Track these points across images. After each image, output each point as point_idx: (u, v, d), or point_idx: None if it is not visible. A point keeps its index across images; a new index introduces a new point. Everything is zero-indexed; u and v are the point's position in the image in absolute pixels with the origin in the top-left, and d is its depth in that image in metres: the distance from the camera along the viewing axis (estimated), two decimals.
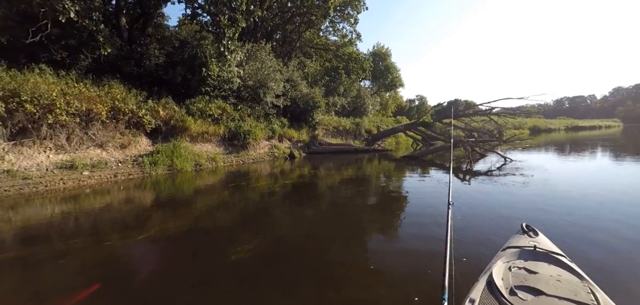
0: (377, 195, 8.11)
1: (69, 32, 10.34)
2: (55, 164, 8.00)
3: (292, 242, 4.52)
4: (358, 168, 13.06)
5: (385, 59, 35.29)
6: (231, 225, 5.38)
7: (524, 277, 2.19)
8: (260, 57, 15.52)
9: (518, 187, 8.38)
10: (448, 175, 11.11)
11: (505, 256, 2.55)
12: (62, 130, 8.37)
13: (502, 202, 6.92)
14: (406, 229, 5.19)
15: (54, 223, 5.22)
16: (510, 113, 18.60)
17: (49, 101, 7.82)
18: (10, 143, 7.53)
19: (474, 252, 4.19)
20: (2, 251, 4.14)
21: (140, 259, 3.97)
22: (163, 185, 8.34)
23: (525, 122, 48.78)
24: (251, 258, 3.83)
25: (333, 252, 4.21)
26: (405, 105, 57.34)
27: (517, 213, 5.95)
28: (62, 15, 7.92)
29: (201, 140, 12.14)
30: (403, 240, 4.66)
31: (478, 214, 6.06)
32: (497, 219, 5.71)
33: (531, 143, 24.83)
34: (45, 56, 10.16)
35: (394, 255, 4.06)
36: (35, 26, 8.09)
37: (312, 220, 5.76)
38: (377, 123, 27.10)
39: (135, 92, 10.63)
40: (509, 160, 13.94)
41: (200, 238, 4.69)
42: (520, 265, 2.36)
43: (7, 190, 6.61)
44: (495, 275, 2.19)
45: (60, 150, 8.36)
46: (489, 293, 2.03)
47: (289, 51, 24.38)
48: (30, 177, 7.21)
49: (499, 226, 5.22)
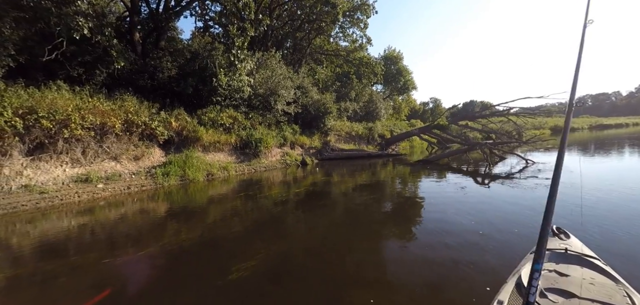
0: (392, 203, 7.86)
1: (85, 49, 10.61)
2: (71, 178, 8.15)
3: (301, 257, 4.30)
4: (371, 174, 12.79)
5: (397, 62, 34.96)
6: (237, 238, 5.20)
7: (555, 279, 2.12)
8: (271, 65, 15.58)
9: (542, 190, 7.97)
10: (467, 179, 10.71)
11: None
12: (77, 144, 8.55)
13: (526, 205, 6.58)
14: (426, 238, 4.86)
15: (68, 236, 5.24)
16: (530, 113, 17.88)
17: (64, 116, 8.01)
18: (28, 158, 7.72)
19: (499, 255, 4.01)
20: (21, 265, 4.19)
21: (134, 278, 3.77)
22: (174, 196, 8.35)
23: (545, 122, 47.03)
24: (254, 276, 3.62)
25: (346, 267, 3.94)
26: (419, 108, 56.59)
27: (541, 216, 5.61)
28: (76, 32, 8.14)
29: (213, 149, 12.19)
30: (425, 250, 4.36)
31: (501, 217, 5.78)
32: (521, 222, 5.43)
33: (553, 143, 23.78)
34: (63, 73, 10.45)
35: (416, 267, 3.82)
36: (51, 44, 8.31)
37: (323, 232, 5.53)
38: (390, 127, 26.74)
39: (148, 104, 10.80)
40: (530, 162, 13.32)
41: (203, 253, 4.53)
42: (551, 268, 2.29)
43: (25, 204, 6.73)
44: (525, 277, 2.12)
45: (76, 163, 8.53)
46: (517, 295, 1.99)
47: (299, 58, 24.46)
48: (47, 191, 7.35)
49: (524, 229, 4.99)
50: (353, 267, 3.90)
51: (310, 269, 3.90)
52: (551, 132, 42.39)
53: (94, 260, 4.21)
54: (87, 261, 4.22)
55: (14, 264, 4.27)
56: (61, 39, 8.39)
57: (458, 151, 16.87)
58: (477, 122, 20.46)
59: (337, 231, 5.49)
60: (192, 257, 4.33)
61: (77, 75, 10.76)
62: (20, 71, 9.32)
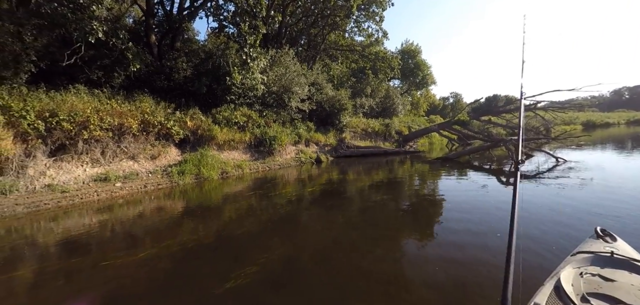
0: (409, 203, 7.60)
1: (103, 53, 10.96)
2: (90, 177, 8.41)
3: (307, 263, 4.08)
4: (388, 171, 12.49)
5: (415, 56, 34.12)
6: (243, 239, 5.07)
7: (599, 284, 1.97)
8: (284, 63, 15.53)
9: (574, 190, 7.47)
10: (489, 177, 10.23)
11: (576, 262, 2.32)
12: (97, 144, 8.81)
13: (558, 207, 6.17)
14: (446, 247, 4.55)
15: (85, 234, 5.37)
16: (559, 107, 16.77)
17: (83, 118, 8.28)
18: (51, 159, 8.03)
19: (531, 260, 3.79)
20: (45, 261, 4.36)
21: (129, 281, 3.72)
22: (188, 194, 8.45)
23: (577, 117, 44.44)
24: (252, 284, 3.45)
25: (354, 276, 3.67)
26: (439, 104, 55.22)
27: (577, 219, 5.31)
28: (91, 36, 8.37)
29: (228, 148, 12.29)
30: (447, 264, 3.97)
31: (532, 219, 5.44)
32: (554, 225, 5.11)
33: (586, 140, 22.38)
34: (84, 76, 10.83)
35: (434, 283, 3.60)
36: (70, 49, 8.59)
37: (333, 234, 5.30)
38: (408, 123, 26.13)
39: (164, 104, 11.02)
40: (561, 160, 12.50)
41: (206, 255, 4.42)
42: (594, 272, 2.13)
43: (47, 203, 6.99)
44: (564, 280, 2.00)
45: (95, 163, 8.80)
46: (556, 298, 1.87)
47: (313, 55, 24.31)
48: (68, 190, 7.61)
49: (557, 233, 4.72)
50: (362, 277, 3.62)
51: (316, 276, 3.68)
52: (583, 128, 40.16)
53: (91, 263, 4.21)
54: (81, 264, 4.26)
55: (39, 259, 4.44)
56: (79, 43, 8.64)
57: (480, 148, 16.18)
58: (501, 117, 19.58)
59: (348, 234, 5.26)
60: (193, 260, 4.24)
61: (97, 78, 11.12)
62: (44, 76, 9.73)
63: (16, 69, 8.37)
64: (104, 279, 3.73)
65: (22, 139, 7.42)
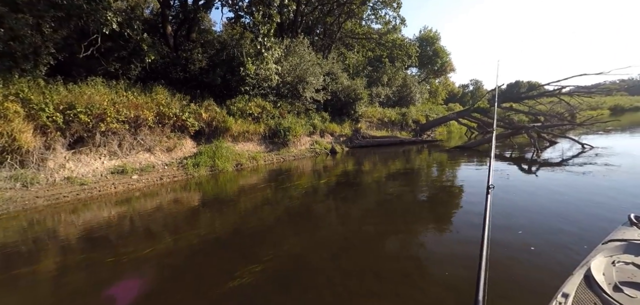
0: (427, 195, 7.27)
1: (120, 45, 11.02)
2: (108, 170, 8.52)
3: (316, 261, 3.85)
4: (405, 161, 12.14)
5: (434, 43, 32.95)
6: (252, 234, 4.92)
7: (632, 272, 1.90)
8: (299, 52, 15.23)
9: (602, 177, 7.10)
10: (511, 166, 9.73)
11: (608, 250, 2.23)
12: (114, 137, 8.90)
13: (585, 196, 5.82)
14: (466, 246, 4.27)
15: (101, 227, 5.39)
16: (585, 92, 15.84)
17: (100, 111, 8.34)
18: (70, 152, 8.16)
19: (556, 250, 3.62)
20: (69, 253, 4.46)
21: (133, 278, 3.63)
22: (202, 187, 8.44)
23: (603, 102, 42.08)
24: (256, 284, 3.27)
25: (365, 277, 3.43)
26: (458, 92, 53.65)
27: (606, 207, 5.07)
28: (105, 27, 8.37)
29: (242, 139, 12.24)
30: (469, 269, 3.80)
31: (558, 208, 5.19)
32: (581, 213, 4.90)
33: (614, 125, 21.15)
34: (102, 69, 10.94)
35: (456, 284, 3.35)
36: (87, 41, 8.63)
37: (345, 230, 5.07)
38: (425, 112, 25.42)
39: (179, 96, 11.01)
40: (587, 147, 11.82)
41: (213, 251, 4.29)
42: (628, 260, 2.05)
43: (66, 196, 7.11)
44: (595, 269, 1.94)
45: (113, 156, 8.90)
46: (586, 287, 1.82)
47: (329, 44, 23.83)
48: (86, 182, 7.72)
49: (586, 221, 4.57)
50: (374, 277, 3.36)
51: (324, 276, 3.45)
52: (610, 113, 38.05)
53: (98, 259, 4.16)
54: (88, 260, 4.24)
55: (60, 252, 4.50)
56: (95, 35, 8.66)
57: (500, 135, 15.52)
58: (523, 104, 18.70)
59: (360, 229, 5.02)
60: (199, 257, 4.13)
61: (114, 70, 11.22)
62: (62, 68, 9.87)
63: (36, 61, 8.49)
64: (106, 275, 3.68)
65: (41, 132, 7.55)
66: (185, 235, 4.87)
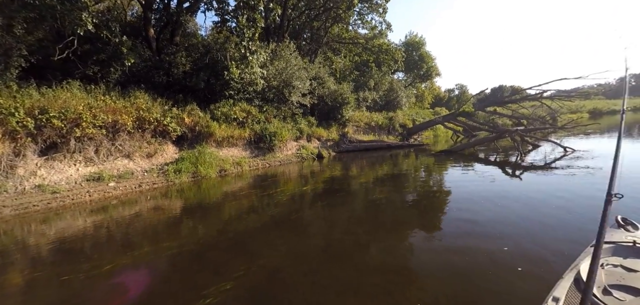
0: (413, 202, 7.23)
1: (99, 47, 10.67)
2: (83, 177, 8.16)
3: (295, 276, 3.64)
4: (392, 166, 12.12)
5: (419, 48, 33.41)
6: (230, 245, 4.68)
7: (621, 275, 1.94)
8: (285, 56, 15.11)
9: (587, 179, 7.31)
10: (496, 170, 9.82)
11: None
12: (90, 143, 8.55)
13: (571, 199, 5.93)
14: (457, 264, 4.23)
15: (65, 238, 5.10)
16: (565, 96, 16.37)
17: (75, 115, 8.00)
18: (42, 158, 7.78)
19: (548, 252, 3.69)
20: (30, 268, 4.15)
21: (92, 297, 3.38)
22: (184, 194, 8.18)
23: (583, 105, 43.77)
24: (230, 300, 3.11)
25: (348, 292, 3.28)
26: (444, 96, 54.41)
27: (593, 210, 5.16)
28: (80, 28, 8.04)
29: (227, 144, 11.99)
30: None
31: (543, 212, 5.26)
32: (568, 215, 5.02)
33: (595, 128, 21.84)
34: (79, 72, 10.55)
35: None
36: (62, 43, 8.29)
37: (326, 241, 4.80)
38: (412, 116, 25.64)
39: (161, 100, 10.71)
40: (569, 150, 12.10)
41: (182, 266, 4.03)
42: (616, 263, 2.08)
43: (36, 205, 6.76)
44: (584, 272, 1.93)
45: (89, 162, 8.55)
46: (576, 291, 1.84)
47: (316, 48, 23.80)
48: (59, 190, 7.37)
49: (573, 223, 4.71)
50: (352, 295, 3.16)
51: (301, 293, 3.24)
52: (589, 116, 39.45)
53: (53, 275, 3.89)
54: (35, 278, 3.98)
55: (23, 265, 4.22)
56: (71, 37, 8.33)
57: (485, 139, 15.78)
58: (507, 108, 19.14)
59: (342, 240, 4.78)
60: (168, 272, 3.90)
61: (93, 74, 10.84)
62: (38, 72, 9.47)
63: (7, 63, 8.11)
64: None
65: (10, 138, 7.16)
66: (155, 248, 4.63)
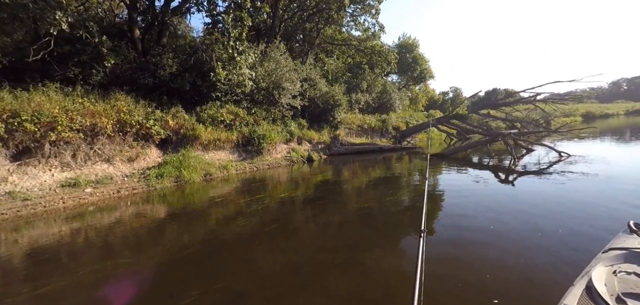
0: (397, 210, 7.00)
1: (80, 48, 10.33)
2: (59, 183, 7.82)
3: (260, 297, 3.30)
4: (383, 170, 11.91)
5: (413, 50, 33.34)
6: (191, 261, 4.24)
7: (635, 283, 1.85)
8: (275, 58, 14.85)
9: (589, 185, 7.32)
10: (488, 174, 9.64)
11: (608, 259, 2.19)
12: (67, 147, 8.21)
13: (575, 203, 5.91)
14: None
15: (28, 255, 4.78)
16: (559, 99, 16.32)
17: (50, 119, 7.66)
18: (14, 164, 7.43)
19: (556, 259, 3.63)
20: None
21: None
22: (163, 200, 7.85)
23: (576, 109, 44.09)
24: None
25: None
26: (439, 98, 54.56)
27: (597, 219, 5.02)
28: (53, 28, 7.71)
29: (213, 148, 11.68)
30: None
31: (550, 217, 5.18)
32: (573, 221, 4.93)
33: (590, 131, 21.84)
34: (60, 74, 10.20)
35: None
36: (37, 44, 7.96)
37: (297, 258, 4.28)
38: (405, 119, 25.49)
39: (144, 103, 10.40)
40: (564, 155, 11.94)
41: (136, 286, 3.66)
42: (629, 270, 1.99)
43: (4, 213, 6.41)
44: (596, 280, 1.88)
45: (66, 167, 8.20)
46: (588, 299, 1.77)
47: (308, 50, 23.59)
48: (30, 197, 7.02)
49: (580, 230, 4.61)
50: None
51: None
52: (582, 120, 39.70)
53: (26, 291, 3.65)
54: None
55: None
56: (47, 38, 8.01)
57: (478, 143, 15.65)
58: (501, 111, 19.04)
59: (314, 259, 4.25)
60: (112, 294, 3.55)
61: (74, 76, 10.50)
62: (16, 74, 9.13)
63: None
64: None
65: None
66: (111, 265, 4.25)
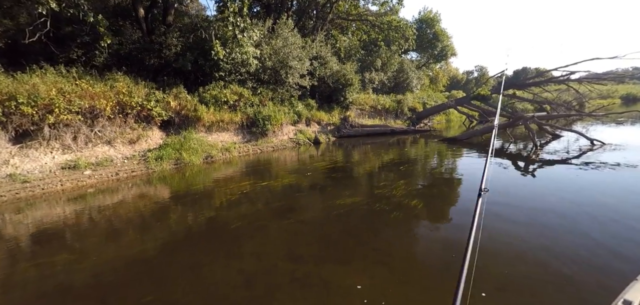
0: (389, 207, 6.50)
1: (82, 29, 10.26)
2: (59, 165, 7.87)
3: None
4: (393, 154, 11.31)
5: (434, 26, 31.39)
6: (138, 267, 3.76)
7: None
8: (283, 35, 14.26)
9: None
10: (510, 162, 8.88)
11: None
12: (67, 129, 8.22)
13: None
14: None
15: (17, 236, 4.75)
16: (596, 79, 14.62)
17: (47, 101, 7.63)
18: (16, 146, 7.51)
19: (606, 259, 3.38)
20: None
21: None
22: (159, 183, 7.74)
23: (615, 90, 40.04)
24: None
25: None
26: (462, 78, 52.09)
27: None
28: (42, 7, 7.55)
29: (217, 129, 11.49)
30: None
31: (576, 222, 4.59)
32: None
33: (629, 115, 19.89)
34: (64, 56, 10.21)
35: None
36: (32, 25, 7.86)
37: (258, 270, 3.53)
38: (423, 99, 24.31)
39: (146, 83, 10.27)
40: (598, 143, 10.75)
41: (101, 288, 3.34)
42: None
43: (3, 195, 6.49)
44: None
45: (67, 150, 8.24)
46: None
47: (321, 26, 22.67)
48: (29, 180, 7.09)
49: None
50: None
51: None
52: (621, 102, 36.35)
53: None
54: None
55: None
56: (43, 18, 7.89)
57: (501, 126, 14.53)
58: (528, 91, 17.57)
59: (276, 272, 3.53)
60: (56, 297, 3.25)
61: (77, 57, 10.49)
62: (19, 56, 9.17)
63: None
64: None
65: None
66: (65, 260, 4.03)
